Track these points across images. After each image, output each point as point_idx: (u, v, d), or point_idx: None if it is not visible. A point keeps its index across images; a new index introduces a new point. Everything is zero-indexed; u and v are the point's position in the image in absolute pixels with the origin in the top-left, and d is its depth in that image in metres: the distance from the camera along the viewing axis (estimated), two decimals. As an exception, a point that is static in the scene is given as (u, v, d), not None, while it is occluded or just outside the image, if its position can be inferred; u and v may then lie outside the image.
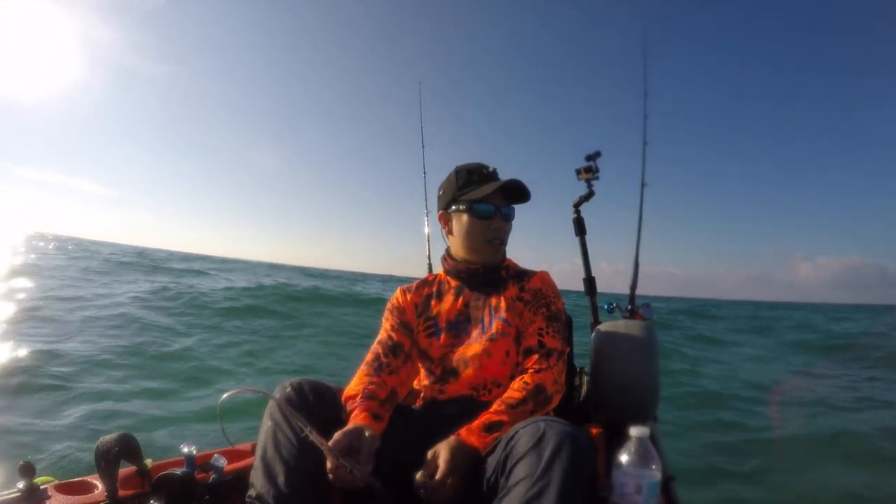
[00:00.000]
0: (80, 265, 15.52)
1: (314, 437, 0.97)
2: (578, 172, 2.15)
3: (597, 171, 2.11)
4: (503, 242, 1.39)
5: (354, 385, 1.22)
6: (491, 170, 1.38)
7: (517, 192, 1.36)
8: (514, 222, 1.40)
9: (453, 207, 1.38)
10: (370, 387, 1.20)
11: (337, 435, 1.02)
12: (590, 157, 2.12)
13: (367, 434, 1.04)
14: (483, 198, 1.33)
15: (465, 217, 1.35)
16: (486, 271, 1.38)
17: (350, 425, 1.06)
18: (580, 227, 2.17)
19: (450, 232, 1.41)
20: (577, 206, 2.17)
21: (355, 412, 1.12)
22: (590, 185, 2.14)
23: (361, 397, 1.16)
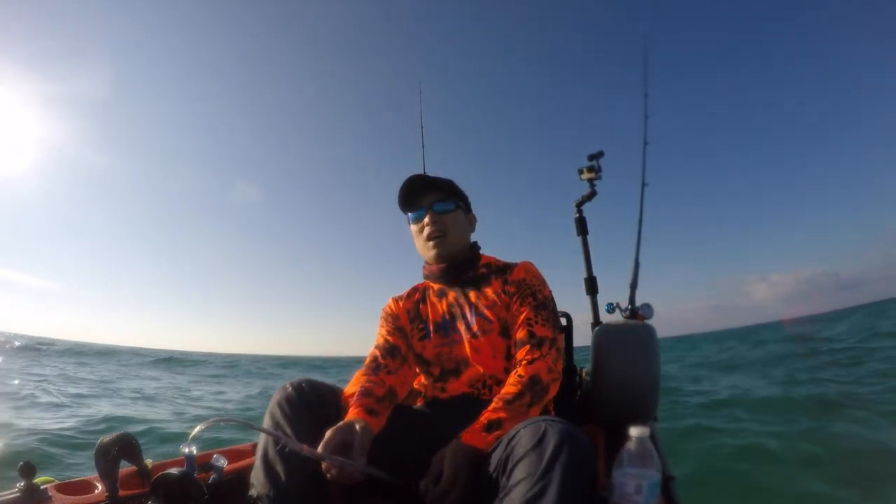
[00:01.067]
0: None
1: (295, 446, 0.96)
2: (581, 172, 2.14)
3: (599, 170, 2.11)
4: (443, 234, 1.38)
5: (352, 386, 1.24)
6: (411, 179, 1.39)
7: (423, 188, 1.40)
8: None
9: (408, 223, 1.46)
10: (366, 384, 1.22)
11: (328, 434, 1.01)
12: (592, 157, 2.12)
13: (357, 427, 1.04)
14: (404, 206, 1.42)
15: (411, 228, 1.44)
16: (455, 267, 1.40)
17: (342, 421, 1.07)
18: (582, 227, 2.16)
19: (416, 244, 1.47)
20: (579, 205, 2.16)
21: (350, 409, 1.14)
22: (592, 185, 2.13)
23: (357, 395, 1.18)
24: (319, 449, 0.98)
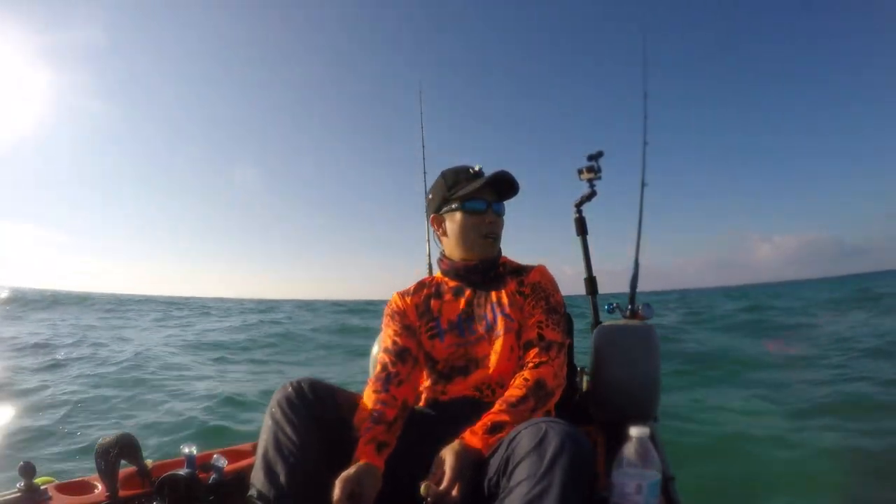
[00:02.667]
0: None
1: None
2: (580, 172, 2.14)
3: (599, 170, 2.11)
4: (497, 237, 1.39)
5: (364, 401, 1.20)
6: (477, 169, 1.39)
7: (506, 185, 1.38)
8: (510, 220, 1.42)
9: (445, 208, 1.39)
10: (378, 406, 1.17)
11: (338, 486, 0.98)
12: (592, 157, 2.12)
13: (366, 479, 1.01)
14: (473, 193, 1.35)
15: (458, 215, 1.37)
16: (484, 268, 1.38)
17: (352, 467, 1.03)
18: (582, 227, 2.16)
19: (444, 233, 1.42)
20: (578, 205, 2.16)
21: (360, 442, 1.09)
22: (592, 185, 2.13)
23: (368, 421, 1.14)
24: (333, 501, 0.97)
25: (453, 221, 1.38)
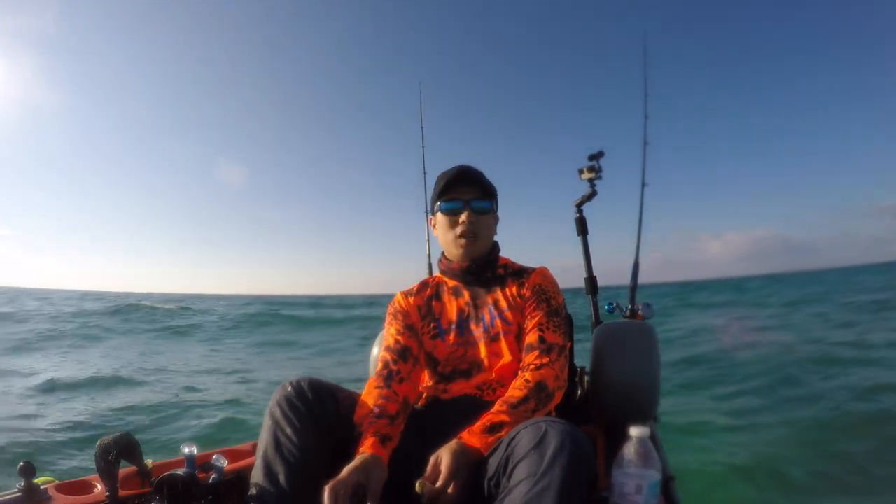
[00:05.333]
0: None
1: None
2: (581, 172, 2.14)
3: (600, 170, 2.11)
4: (476, 236, 1.36)
5: (365, 398, 1.20)
6: (463, 169, 1.38)
7: (465, 178, 1.36)
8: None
9: (434, 209, 1.42)
10: (379, 401, 1.17)
11: (344, 475, 0.98)
12: (593, 157, 2.12)
13: (373, 471, 1.01)
14: (446, 194, 1.36)
15: (440, 217, 1.39)
16: (478, 268, 1.38)
17: (357, 458, 1.03)
18: (582, 227, 2.16)
19: (438, 235, 1.44)
20: (579, 205, 2.17)
21: (364, 437, 1.09)
22: (592, 185, 2.13)
23: (371, 416, 1.14)
24: (334, 490, 0.96)
25: (439, 224, 1.41)
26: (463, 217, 1.34)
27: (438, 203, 1.39)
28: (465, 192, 1.36)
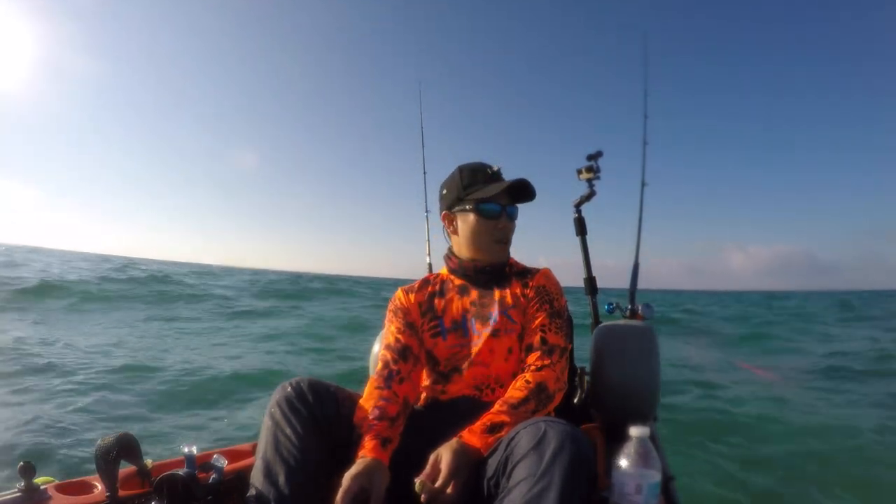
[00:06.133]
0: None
1: None
2: (579, 172, 2.14)
3: (598, 170, 2.11)
4: (508, 242, 1.39)
5: (366, 399, 1.20)
6: (496, 169, 1.38)
7: (523, 192, 1.37)
8: (518, 221, 1.41)
9: (458, 207, 1.37)
10: (380, 403, 1.17)
11: (346, 481, 0.98)
12: (591, 157, 2.12)
13: (376, 475, 1.01)
14: (490, 197, 1.33)
15: (471, 217, 1.35)
16: (493, 270, 1.38)
17: (359, 462, 1.03)
18: (581, 227, 2.16)
19: (455, 231, 1.41)
20: (577, 205, 2.16)
21: (365, 439, 1.09)
22: (591, 185, 2.13)
23: (371, 418, 1.13)
24: (339, 498, 0.96)
25: (465, 222, 1.37)
26: (503, 223, 1.35)
27: (474, 203, 1.34)
28: (503, 197, 1.35)
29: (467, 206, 1.35)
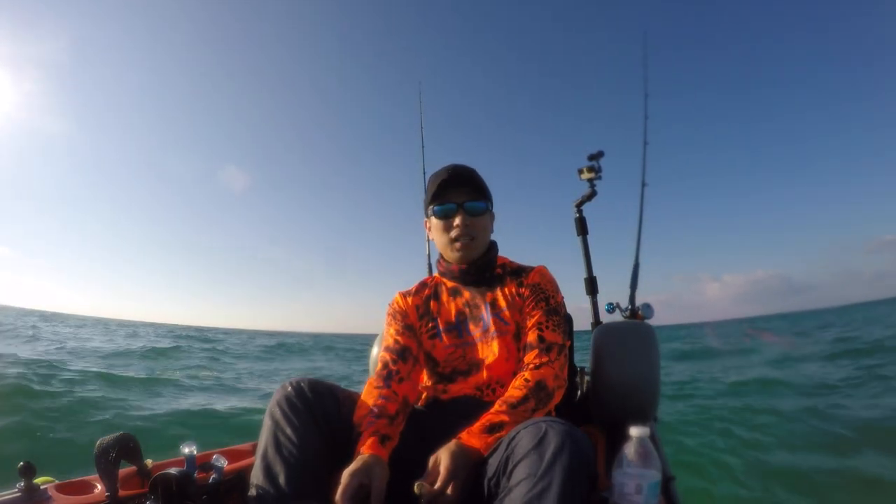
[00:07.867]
0: None
1: None
2: (580, 172, 2.15)
3: (599, 170, 2.11)
4: (473, 238, 1.34)
5: (364, 398, 1.20)
6: (454, 170, 1.34)
7: (463, 181, 1.33)
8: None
9: (428, 212, 1.39)
10: (379, 401, 1.17)
11: (345, 478, 0.98)
12: (592, 157, 2.12)
13: (375, 471, 1.01)
14: (438, 197, 1.33)
15: (433, 221, 1.37)
16: (476, 270, 1.37)
17: (358, 459, 1.03)
18: (582, 227, 2.16)
19: (433, 237, 1.42)
20: (578, 205, 2.17)
21: (364, 436, 1.09)
22: (592, 185, 2.13)
23: (370, 415, 1.14)
24: (338, 496, 0.96)
25: (432, 227, 1.39)
26: (457, 220, 1.32)
27: (431, 206, 1.35)
28: (458, 193, 1.33)
29: (429, 211, 1.37)
